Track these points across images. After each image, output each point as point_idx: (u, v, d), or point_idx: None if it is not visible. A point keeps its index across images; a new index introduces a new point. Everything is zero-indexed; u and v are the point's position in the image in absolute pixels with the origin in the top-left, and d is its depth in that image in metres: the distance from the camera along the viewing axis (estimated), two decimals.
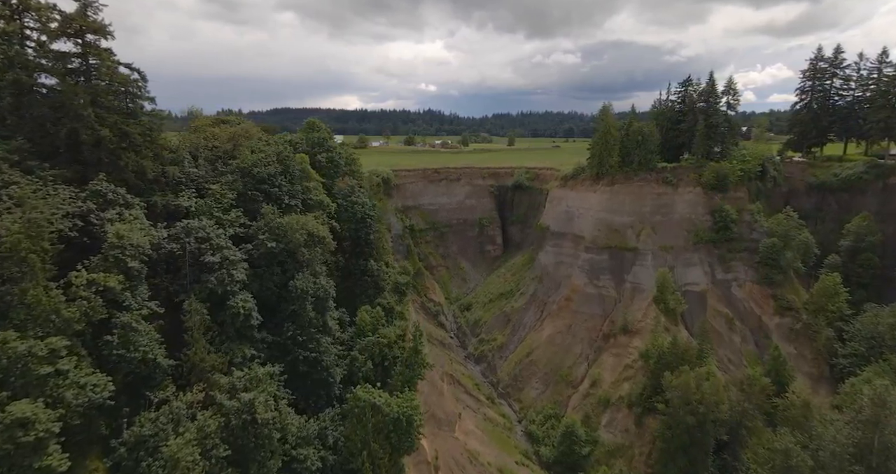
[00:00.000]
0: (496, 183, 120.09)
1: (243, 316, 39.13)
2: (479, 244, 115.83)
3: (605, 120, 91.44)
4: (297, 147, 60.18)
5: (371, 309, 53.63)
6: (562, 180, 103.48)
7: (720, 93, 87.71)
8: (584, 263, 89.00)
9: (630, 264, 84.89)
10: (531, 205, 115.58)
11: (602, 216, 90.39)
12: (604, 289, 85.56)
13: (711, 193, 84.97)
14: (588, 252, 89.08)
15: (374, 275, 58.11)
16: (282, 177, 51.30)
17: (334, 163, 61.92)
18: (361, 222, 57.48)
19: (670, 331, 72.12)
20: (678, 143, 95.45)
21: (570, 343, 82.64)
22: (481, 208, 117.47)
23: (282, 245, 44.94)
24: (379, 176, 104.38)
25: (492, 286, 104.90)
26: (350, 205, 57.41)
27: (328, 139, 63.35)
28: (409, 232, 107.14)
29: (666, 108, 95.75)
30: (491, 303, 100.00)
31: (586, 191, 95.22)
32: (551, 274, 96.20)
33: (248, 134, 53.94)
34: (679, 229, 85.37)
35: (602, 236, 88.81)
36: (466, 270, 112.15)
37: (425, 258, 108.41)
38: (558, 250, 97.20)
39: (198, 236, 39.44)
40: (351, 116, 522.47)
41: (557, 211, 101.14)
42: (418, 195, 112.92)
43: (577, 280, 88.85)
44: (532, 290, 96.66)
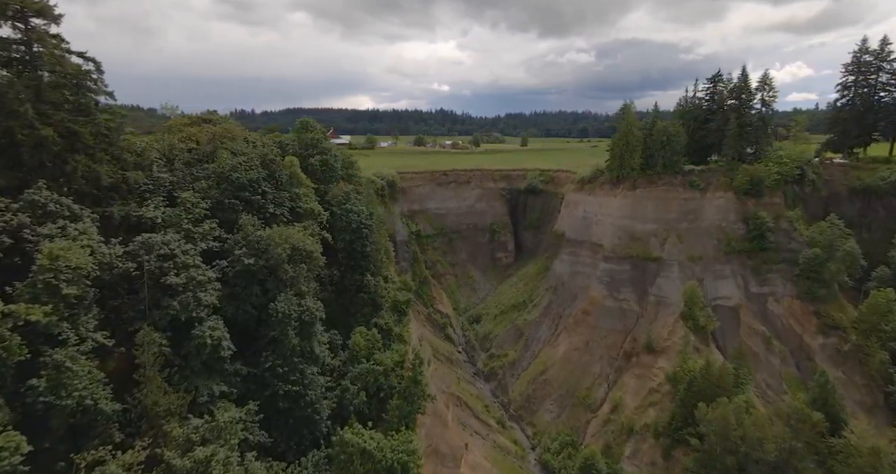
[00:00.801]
0: (508, 186, 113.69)
1: (211, 346, 33.47)
2: (489, 251, 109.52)
3: (626, 119, 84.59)
4: (288, 149, 54.57)
5: (366, 331, 47.79)
6: (578, 183, 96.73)
7: (753, 89, 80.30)
8: (602, 274, 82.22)
9: (654, 276, 77.94)
10: (545, 209, 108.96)
11: (623, 223, 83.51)
12: (625, 303, 78.70)
13: (744, 199, 77.67)
14: (607, 261, 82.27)
15: (370, 292, 52.32)
16: (266, 182, 45.69)
17: (329, 166, 56.26)
18: (357, 233, 51.66)
19: (701, 352, 65.17)
20: (706, 144, 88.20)
21: (587, 361, 75.95)
22: (492, 213, 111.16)
23: (262, 261, 39.28)
24: (383, 178, 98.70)
25: (503, 296, 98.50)
26: (345, 214, 51.59)
27: (323, 140, 57.61)
28: (415, 238, 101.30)
29: (693, 106, 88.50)
30: (502, 314, 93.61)
31: (605, 196, 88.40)
32: (567, 284, 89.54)
33: (231, 134, 48.36)
34: (708, 238, 78.20)
35: (622, 244, 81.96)
36: (476, 279, 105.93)
37: (432, 265, 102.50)
38: (575, 259, 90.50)
39: (160, 253, 33.87)
40: (362, 116, 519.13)
41: (574, 216, 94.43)
42: (425, 199, 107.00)
43: (595, 291, 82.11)
44: (546, 302, 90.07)
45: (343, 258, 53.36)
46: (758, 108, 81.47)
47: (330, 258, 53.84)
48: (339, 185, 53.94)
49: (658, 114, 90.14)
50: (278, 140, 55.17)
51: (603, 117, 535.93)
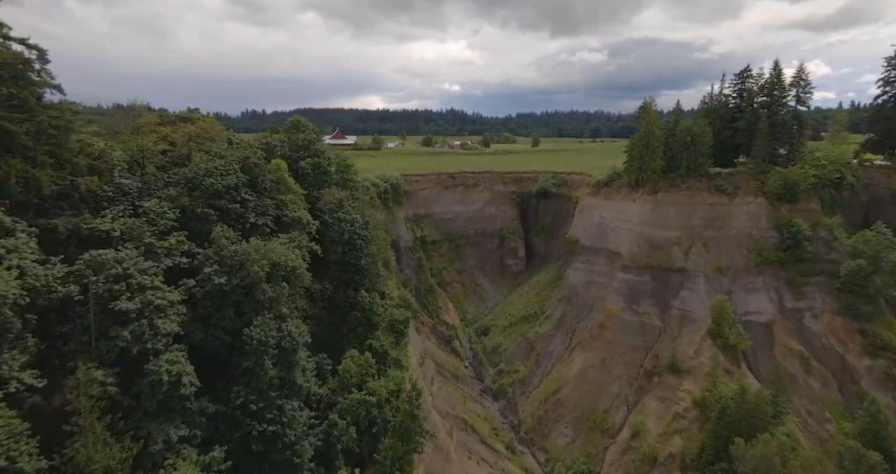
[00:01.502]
0: (519, 189, 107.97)
1: (169, 383, 28.38)
2: (499, 257, 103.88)
3: (646, 118, 78.50)
4: (276, 151, 49.51)
5: (359, 355, 42.49)
6: (594, 187, 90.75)
7: (787, 84, 73.78)
8: (620, 285, 76.24)
9: (677, 288, 71.83)
10: (558, 214, 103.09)
11: (642, 230, 77.48)
12: (645, 317, 72.66)
13: (777, 204, 71.25)
14: (626, 271, 76.28)
15: (365, 309, 47.08)
16: (247, 189, 40.63)
17: (322, 170, 51.12)
18: (350, 244, 46.43)
19: (732, 375, 59.03)
20: (733, 145, 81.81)
21: (604, 380, 70.02)
22: (502, 217, 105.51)
23: (236, 280, 34.20)
24: (387, 181, 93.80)
25: (513, 306, 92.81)
26: (336, 223, 46.36)
27: (316, 142, 52.50)
28: (420, 243, 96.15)
29: (719, 104, 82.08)
30: (512, 326, 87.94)
31: (623, 201, 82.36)
32: (582, 295, 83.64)
33: (210, 134, 43.40)
34: (737, 247, 71.90)
35: (642, 253, 75.93)
36: (484, 287, 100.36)
37: (438, 273, 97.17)
38: (590, 267, 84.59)
39: (111, 273, 28.88)
40: (372, 116, 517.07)
41: (589, 222, 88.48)
42: (431, 202, 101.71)
43: (612, 304, 76.16)
44: (559, 314, 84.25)
45: (335, 271, 48.25)
46: (791, 106, 74.93)
47: (322, 271, 48.87)
48: (332, 191, 48.79)
49: (680, 112, 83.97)
50: (266, 141, 50.16)
51: (616, 117, 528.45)
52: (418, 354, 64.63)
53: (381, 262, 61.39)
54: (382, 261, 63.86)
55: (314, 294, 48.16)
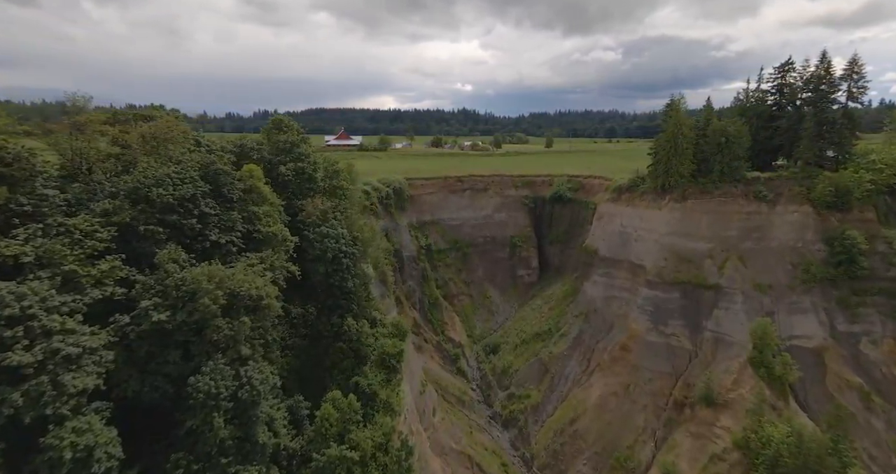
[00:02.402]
0: (532, 193, 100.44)
1: (74, 461, 21.76)
2: (510, 268, 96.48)
3: (674, 117, 70.66)
4: (253, 154, 42.87)
5: (342, 397, 35.52)
6: (614, 192, 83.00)
7: (837, 78, 65.33)
8: (645, 302, 68.50)
9: (710, 306, 63.92)
10: (574, 221, 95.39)
11: (670, 240, 69.65)
12: (673, 339, 64.88)
13: (826, 213, 62.95)
14: (651, 287, 68.52)
15: (352, 340, 40.18)
16: (209, 200, 33.98)
17: (306, 177, 44.39)
18: (334, 263, 39.59)
19: (780, 412, 51.05)
20: (771, 147, 73.56)
21: (628, 410, 62.39)
22: (513, 224, 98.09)
23: (182, 315, 27.54)
24: (389, 185, 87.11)
25: (525, 322, 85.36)
26: (319, 239, 39.54)
27: (299, 143, 45.76)
28: (425, 253, 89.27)
29: (755, 100, 73.81)
30: (524, 344, 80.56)
31: (647, 208, 74.57)
32: (601, 311, 76.00)
33: (169, 135, 36.89)
34: (780, 261, 63.75)
35: (670, 267, 68.10)
36: (494, 300, 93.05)
37: (444, 284, 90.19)
38: (610, 281, 76.95)
39: (3, 315, 22.37)
40: (383, 116, 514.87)
41: (608, 231, 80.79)
42: (437, 208, 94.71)
43: (636, 323, 68.46)
44: (576, 331, 76.69)
45: (319, 294, 41.52)
46: (842, 103, 66.44)
47: (306, 292, 42.22)
48: (314, 202, 42.04)
49: (711, 111, 75.89)
50: (240, 143, 43.57)
51: (631, 117, 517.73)
52: (418, 381, 57.77)
53: (376, 280, 54.70)
54: (377, 277, 57.23)
55: (294, 319, 41.53)
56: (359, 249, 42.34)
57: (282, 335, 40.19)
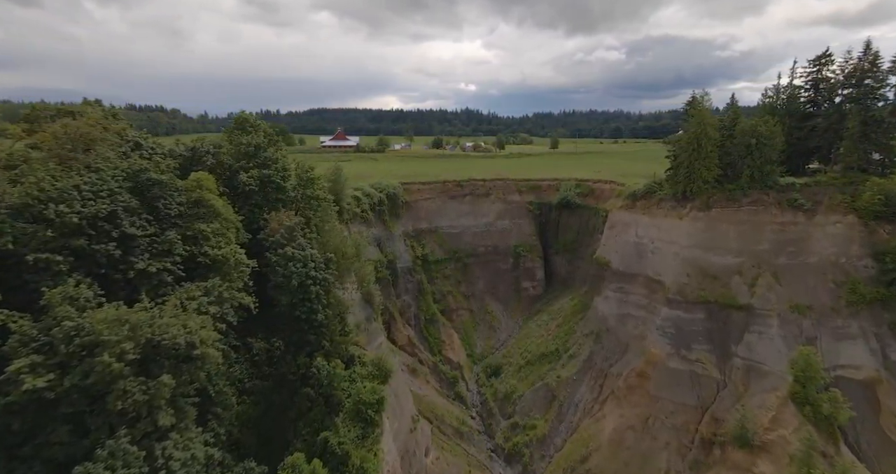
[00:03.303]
0: (537, 199, 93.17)
1: None
2: (513, 279, 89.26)
3: (696, 116, 63.33)
4: (206, 160, 35.81)
5: (304, 463, 28.40)
6: (628, 199, 75.65)
7: (885, 71, 57.78)
8: (665, 322, 61.18)
9: (740, 330, 56.61)
10: (583, 229, 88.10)
11: (692, 254, 62.31)
12: (698, 366, 57.55)
13: (874, 224, 55.50)
14: (672, 306, 61.17)
15: (322, 385, 33.02)
16: (136, 218, 26.96)
17: (273, 186, 37.36)
18: (301, 292, 32.51)
19: (832, 461, 43.57)
20: (805, 149, 66.10)
21: (648, 448, 55.08)
22: (517, 232, 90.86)
23: (74, 379, 20.54)
24: (383, 191, 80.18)
25: (530, 340, 78.07)
26: (282, 263, 32.42)
27: (266, 147, 38.68)
28: (421, 264, 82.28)
29: (787, 97, 66.31)
30: (528, 366, 73.29)
31: (666, 217, 67.21)
32: (614, 331, 68.75)
33: (93, 135, 29.84)
34: (820, 279, 56.34)
35: (693, 284, 60.76)
36: (496, 315, 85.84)
37: (443, 298, 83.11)
38: (624, 297, 69.66)
39: None
40: (386, 116, 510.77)
41: (622, 241, 73.45)
42: (435, 215, 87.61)
43: (654, 346, 61.15)
44: (587, 353, 69.40)
45: (285, 328, 34.47)
46: (889, 99, 58.95)
47: (271, 323, 35.22)
48: (279, 217, 34.95)
49: (738, 109, 68.56)
50: (192, 146, 36.52)
51: (636, 116, 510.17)
52: (409, 417, 50.61)
53: (361, 301, 47.70)
54: (363, 297, 50.23)
55: (257, 357, 34.54)
56: (332, 273, 35.19)
57: (239, 376, 33.26)
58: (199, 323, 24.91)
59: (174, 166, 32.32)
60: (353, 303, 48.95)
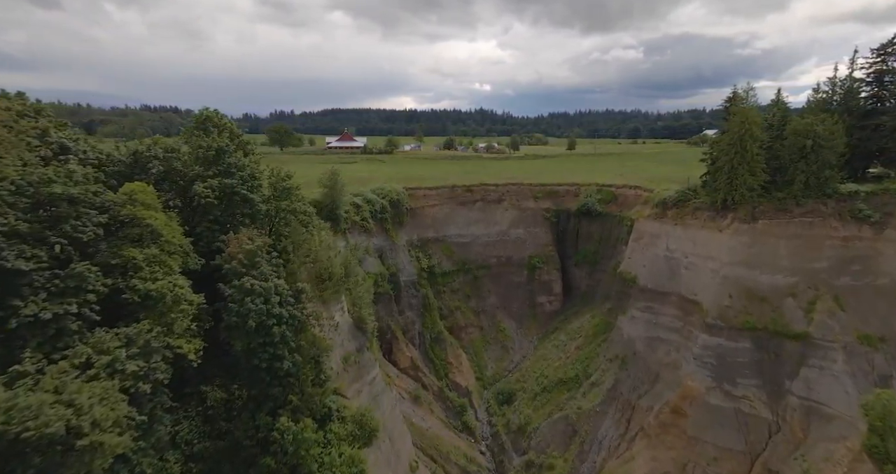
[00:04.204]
0: (554, 206, 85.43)
1: None
2: (528, 293, 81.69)
3: (739, 114, 55.24)
4: (149, 168, 29.10)
5: None
6: (657, 207, 67.72)
7: None
8: (703, 350, 53.21)
9: (796, 363, 48.48)
10: (605, 239, 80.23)
11: (735, 272, 54.23)
12: (745, 403, 49.52)
13: None
14: (711, 332, 53.17)
15: (285, 453, 26.03)
16: (23, 247, 20.25)
17: (238, 198, 30.54)
18: (260, 334, 25.54)
19: None
20: (867, 151, 57.56)
21: None
22: (533, 242, 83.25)
23: None
24: (385, 197, 73.39)
25: (547, 363, 70.48)
26: (238, 298, 25.52)
27: (230, 152, 31.87)
28: (427, 276, 75.26)
29: (846, 92, 57.78)
30: (545, 393, 65.74)
31: (703, 229, 59.20)
32: (642, 356, 60.95)
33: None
34: (893, 304, 47.90)
35: (737, 307, 52.68)
36: (509, 333, 78.38)
37: (450, 314, 75.99)
38: (653, 318, 61.87)
39: None
40: (399, 116, 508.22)
41: (650, 255, 65.56)
42: (443, 223, 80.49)
43: (691, 378, 53.23)
44: (611, 381, 61.70)
45: (243, 376, 27.61)
46: None
47: (232, 367, 28.43)
48: (239, 238, 28.09)
49: (785, 106, 60.23)
50: (135, 150, 29.84)
51: (654, 116, 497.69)
52: (407, 462, 43.64)
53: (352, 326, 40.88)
54: (354, 322, 43.39)
55: (211, 410, 27.73)
56: (303, 309, 28.19)
57: (187, 437, 26.50)
58: (99, 393, 18.14)
59: (97, 177, 25.61)
60: (343, 331, 42.16)
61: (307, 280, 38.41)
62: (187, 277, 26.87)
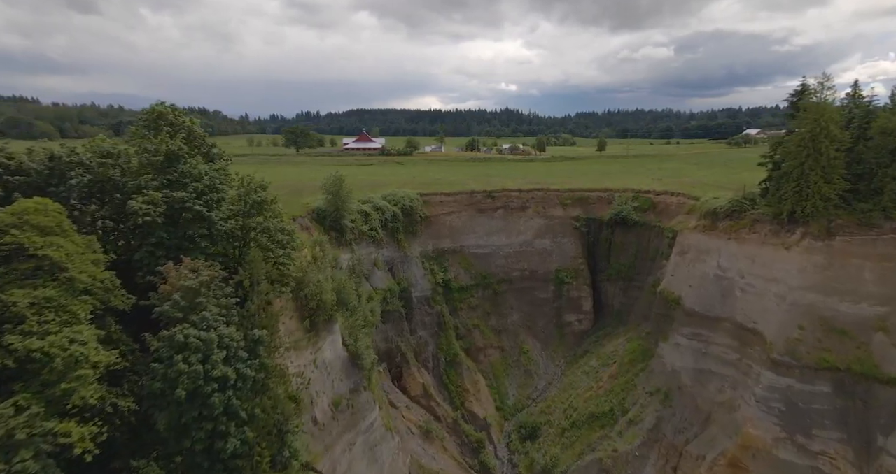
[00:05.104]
0: (584, 213, 77.06)
1: None
2: (554, 311, 73.66)
3: (810, 110, 46.44)
4: (69, 177, 22.68)
5: None
6: (705, 218, 59.18)
7: None
8: (769, 392, 44.53)
9: (891, 414, 39.35)
10: (642, 251, 71.58)
11: (807, 299, 45.34)
12: (824, 461, 40.70)
13: None
14: (779, 370, 44.35)
15: None
16: None
17: (189, 216, 23.88)
18: (194, 405, 18.60)
19: None
20: None
21: None
22: (560, 254, 75.09)
23: None
24: (397, 203, 66.79)
25: (576, 393, 62.44)
26: (165, 355, 18.62)
27: (185, 155, 25.28)
28: (442, 291, 68.27)
29: None
30: (574, 430, 57.71)
31: (764, 245, 50.48)
32: (690, 390, 52.53)
33: None
34: None
35: (811, 341, 43.76)
36: (533, 356, 70.49)
37: (468, 334, 68.69)
38: (702, 347, 53.40)
39: None
40: (423, 117, 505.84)
41: (697, 273, 56.96)
42: (461, 232, 73.23)
43: (753, 424, 44.61)
44: (652, 419, 53.34)
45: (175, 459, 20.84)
46: None
47: None
48: (180, 269, 21.36)
49: (864, 102, 50.81)
50: (55, 154, 23.49)
51: (687, 115, 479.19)
52: None
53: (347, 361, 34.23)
54: (349, 356, 36.65)
55: None
56: (257, 368, 21.29)
57: None
58: None
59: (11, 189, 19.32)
60: (334, 368, 35.44)
61: (291, 312, 31.78)
62: (115, 322, 20.42)
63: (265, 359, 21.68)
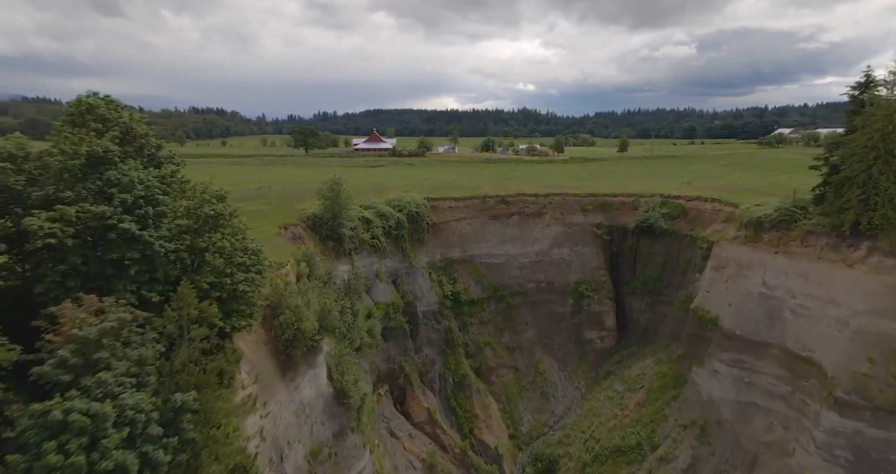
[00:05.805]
0: (606, 220, 70.47)
1: None
2: (573, 327, 67.30)
3: (883, 108, 39.70)
4: None
5: None
6: (747, 227, 52.50)
7: None
8: (832, 437, 37.77)
9: None
10: (672, 263, 64.84)
11: (877, 326, 38.47)
12: None
13: None
14: (844, 413, 37.58)
15: None
16: None
17: (114, 238, 18.36)
18: None
19: None
20: None
21: None
22: (580, 264, 68.64)
23: None
24: (403, 209, 61.36)
25: (598, 421, 56.09)
26: (35, 442, 12.92)
27: (117, 159, 19.78)
28: (451, 305, 62.58)
29: None
30: (596, 464, 51.40)
31: (820, 261, 43.71)
32: (732, 426, 46.01)
33: None
34: None
35: (883, 378, 36.93)
36: (550, 377, 64.22)
37: (478, 352, 62.87)
38: (745, 375, 46.92)
39: None
40: (440, 117, 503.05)
41: (738, 290, 50.31)
42: (471, 240, 67.36)
43: (813, 472, 37.77)
44: (687, 457, 46.87)
45: None
46: None
47: None
48: (77, 312, 15.92)
49: None
50: None
51: (710, 115, 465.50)
52: None
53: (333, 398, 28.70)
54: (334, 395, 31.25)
55: None
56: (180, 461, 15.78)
57: None
58: None
59: None
60: (314, 410, 29.98)
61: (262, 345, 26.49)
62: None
63: (190, 434, 16.26)
